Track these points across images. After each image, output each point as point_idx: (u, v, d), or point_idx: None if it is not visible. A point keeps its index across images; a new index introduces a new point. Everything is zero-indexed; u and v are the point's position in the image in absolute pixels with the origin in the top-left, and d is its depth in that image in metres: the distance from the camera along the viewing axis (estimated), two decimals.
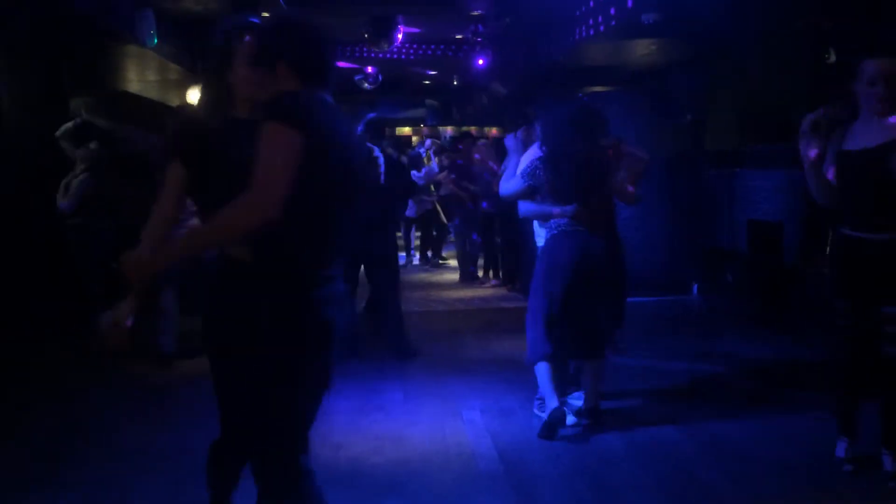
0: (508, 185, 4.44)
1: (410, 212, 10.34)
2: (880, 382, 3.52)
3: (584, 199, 4.21)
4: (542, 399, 4.49)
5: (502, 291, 9.16)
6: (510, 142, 4.80)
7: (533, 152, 4.43)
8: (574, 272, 4.20)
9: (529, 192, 4.34)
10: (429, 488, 3.63)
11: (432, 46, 12.87)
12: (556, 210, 4.25)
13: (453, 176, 9.85)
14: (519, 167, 4.44)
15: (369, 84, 15.22)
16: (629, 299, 5.33)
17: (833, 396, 3.80)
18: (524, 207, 4.43)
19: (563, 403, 4.48)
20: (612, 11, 7.33)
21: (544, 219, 4.38)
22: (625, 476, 3.73)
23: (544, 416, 4.37)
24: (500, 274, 9.63)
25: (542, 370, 4.29)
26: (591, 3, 7.86)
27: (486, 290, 9.32)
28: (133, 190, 5.99)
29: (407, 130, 20.02)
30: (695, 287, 8.49)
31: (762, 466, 3.79)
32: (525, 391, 4.83)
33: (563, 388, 4.53)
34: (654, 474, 3.74)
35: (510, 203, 4.86)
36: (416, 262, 11.69)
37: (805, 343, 6.02)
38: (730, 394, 5.04)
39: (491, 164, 8.62)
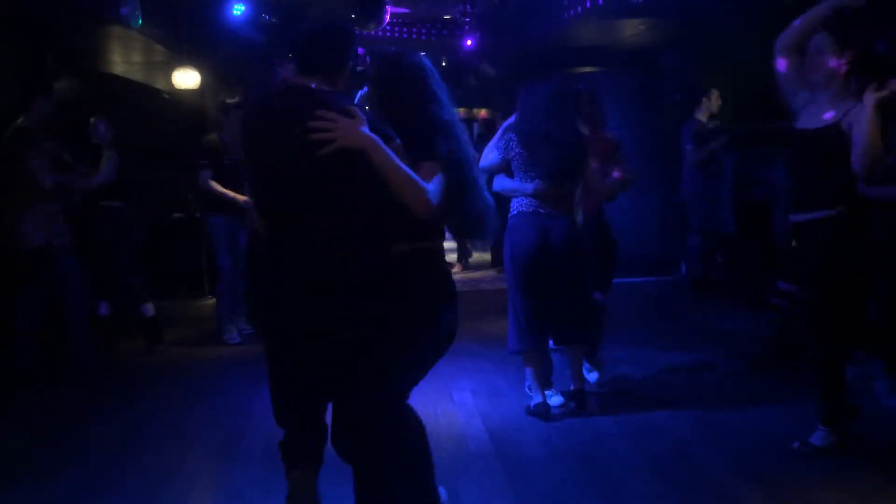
0: (486, 158, 4.32)
1: None
2: None
3: (550, 179, 4.12)
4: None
5: (491, 273, 9.16)
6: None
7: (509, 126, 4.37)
8: (532, 257, 4.14)
9: (504, 166, 4.26)
10: None
11: (420, 27, 12.76)
12: (524, 187, 4.17)
13: None
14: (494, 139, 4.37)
15: (358, 65, 15.05)
16: (618, 280, 5.32)
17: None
18: (498, 183, 4.31)
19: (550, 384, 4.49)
20: None
21: (515, 195, 4.30)
22: (616, 455, 3.74)
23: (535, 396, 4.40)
24: (466, 258, 9.69)
25: (526, 363, 4.29)
26: None
27: (475, 273, 9.31)
28: None
29: None
30: (683, 267, 8.50)
31: (755, 444, 3.80)
32: (515, 372, 4.83)
33: (548, 379, 4.47)
34: (646, 453, 3.75)
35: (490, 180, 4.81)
36: None
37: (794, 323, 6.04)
38: (721, 373, 5.06)
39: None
